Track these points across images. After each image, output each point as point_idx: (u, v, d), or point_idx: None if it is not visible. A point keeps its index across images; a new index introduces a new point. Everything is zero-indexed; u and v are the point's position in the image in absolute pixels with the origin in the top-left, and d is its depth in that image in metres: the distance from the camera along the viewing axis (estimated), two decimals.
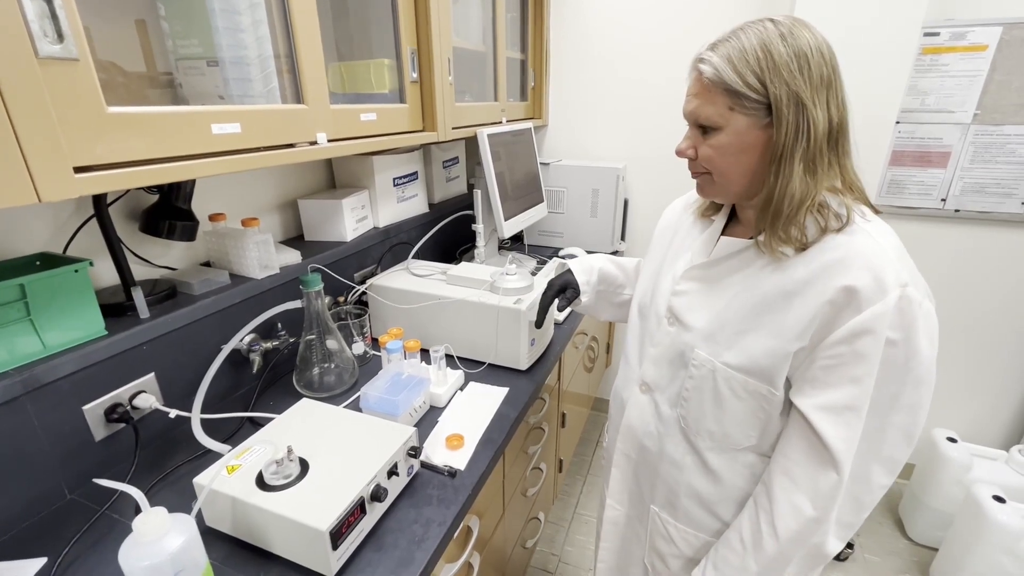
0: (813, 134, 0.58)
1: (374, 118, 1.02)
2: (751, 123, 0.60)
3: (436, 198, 1.66)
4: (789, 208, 0.60)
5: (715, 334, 0.68)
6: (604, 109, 1.89)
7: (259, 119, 0.75)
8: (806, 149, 0.58)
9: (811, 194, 0.60)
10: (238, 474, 0.66)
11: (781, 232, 0.62)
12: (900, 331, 0.57)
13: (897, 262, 0.58)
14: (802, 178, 0.59)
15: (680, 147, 0.68)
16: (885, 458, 0.63)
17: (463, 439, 0.86)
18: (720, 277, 0.70)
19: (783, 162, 0.59)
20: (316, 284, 0.94)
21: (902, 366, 0.59)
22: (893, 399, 0.60)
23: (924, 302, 0.58)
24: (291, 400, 0.97)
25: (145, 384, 0.83)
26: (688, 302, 0.72)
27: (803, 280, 0.61)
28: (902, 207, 1.67)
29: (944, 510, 1.60)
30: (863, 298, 0.57)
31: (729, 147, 0.63)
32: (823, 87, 0.58)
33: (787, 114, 0.58)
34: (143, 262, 0.94)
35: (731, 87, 0.59)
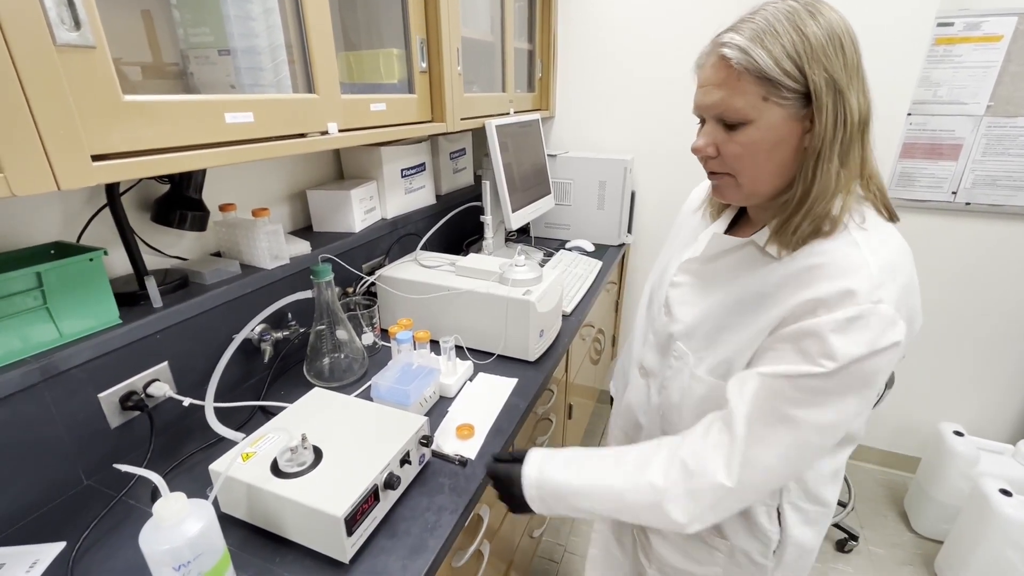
0: (850, 123, 0.53)
1: (384, 108, 1.02)
2: (787, 115, 0.54)
3: (443, 189, 1.66)
4: (821, 206, 0.55)
5: (694, 331, 0.67)
6: (611, 100, 1.88)
7: (272, 108, 0.75)
8: (841, 142, 0.53)
9: (840, 191, 0.55)
10: (253, 461, 0.67)
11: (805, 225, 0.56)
12: (854, 348, 0.51)
13: (876, 276, 0.52)
14: (837, 174, 0.54)
15: (697, 144, 0.60)
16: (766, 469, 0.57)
17: (474, 429, 0.86)
18: (712, 274, 0.68)
19: (821, 158, 0.54)
20: (326, 274, 0.94)
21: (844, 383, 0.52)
22: (819, 408, 0.54)
23: (898, 323, 0.51)
24: (302, 389, 0.98)
25: (159, 372, 0.83)
26: (680, 295, 0.71)
27: (778, 284, 0.58)
28: (912, 200, 1.66)
29: (950, 503, 1.61)
30: (825, 306, 0.53)
31: (762, 143, 0.55)
32: (855, 71, 0.53)
33: (826, 104, 0.52)
34: (155, 252, 0.95)
35: (766, 74, 0.52)
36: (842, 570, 1.59)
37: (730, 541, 0.73)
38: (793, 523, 0.70)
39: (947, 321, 1.76)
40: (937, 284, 1.72)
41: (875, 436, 2.00)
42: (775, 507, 0.69)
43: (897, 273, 0.54)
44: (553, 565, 1.61)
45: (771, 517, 0.70)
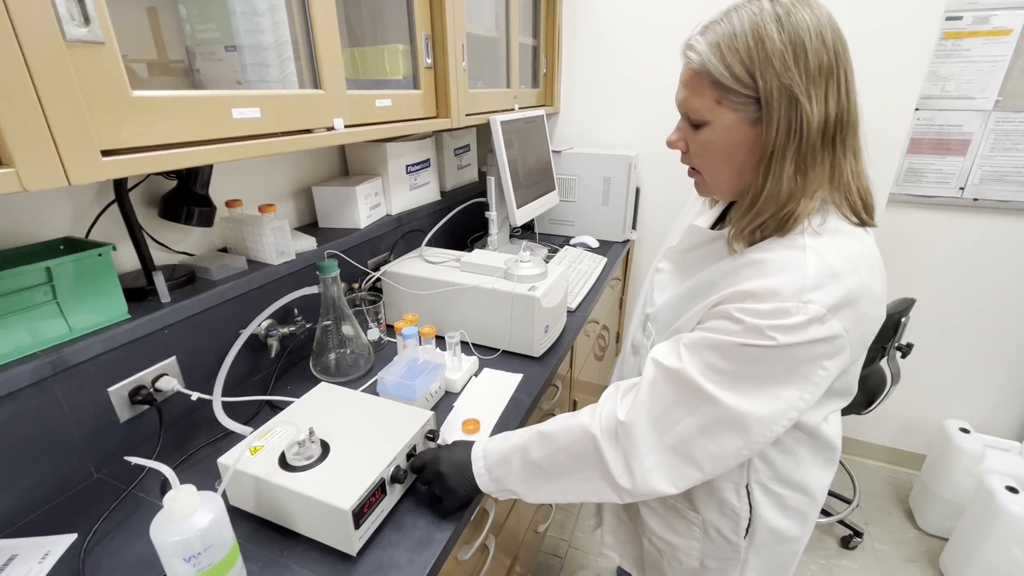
0: (806, 132, 0.53)
1: (389, 104, 1.02)
2: (739, 119, 0.56)
3: (448, 186, 1.66)
4: (773, 210, 0.56)
5: (660, 314, 0.71)
6: (616, 96, 1.87)
7: (278, 104, 0.75)
8: (798, 148, 0.54)
9: (797, 196, 0.55)
10: (261, 455, 0.68)
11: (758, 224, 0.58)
12: (769, 334, 0.52)
13: (811, 280, 0.52)
14: (791, 178, 0.55)
15: (670, 138, 0.64)
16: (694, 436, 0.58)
17: (479, 424, 0.86)
18: (688, 264, 0.70)
19: (773, 162, 0.55)
20: (332, 270, 0.95)
21: (751, 357, 0.54)
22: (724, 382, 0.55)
23: (828, 322, 0.52)
24: (308, 384, 0.98)
25: (167, 367, 0.84)
26: (661, 280, 0.75)
27: (723, 274, 0.60)
28: (919, 196, 1.65)
29: (955, 500, 1.60)
30: (752, 297, 0.54)
31: (716, 144, 0.59)
32: (821, 77, 0.53)
33: (778, 111, 0.53)
34: (162, 247, 0.95)
35: (717, 79, 0.55)
36: (847, 567, 1.59)
37: (701, 515, 0.75)
38: (763, 504, 0.71)
39: (954, 317, 1.75)
40: (943, 280, 1.71)
41: (880, 433, 2.00)
42: (743, 484, 0.71)
43: (841, 279, 0.53)
44: (557, 560, 1.62)
45: (739, 495, 0.71)
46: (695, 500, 0.75)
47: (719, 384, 0.55)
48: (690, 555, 0.80)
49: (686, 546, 0.80)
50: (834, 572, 1.57)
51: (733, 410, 0.55)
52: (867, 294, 0.54)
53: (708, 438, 0.57)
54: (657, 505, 0.81)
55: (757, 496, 0.71)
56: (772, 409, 0.55)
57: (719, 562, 0.77)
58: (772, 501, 0.71)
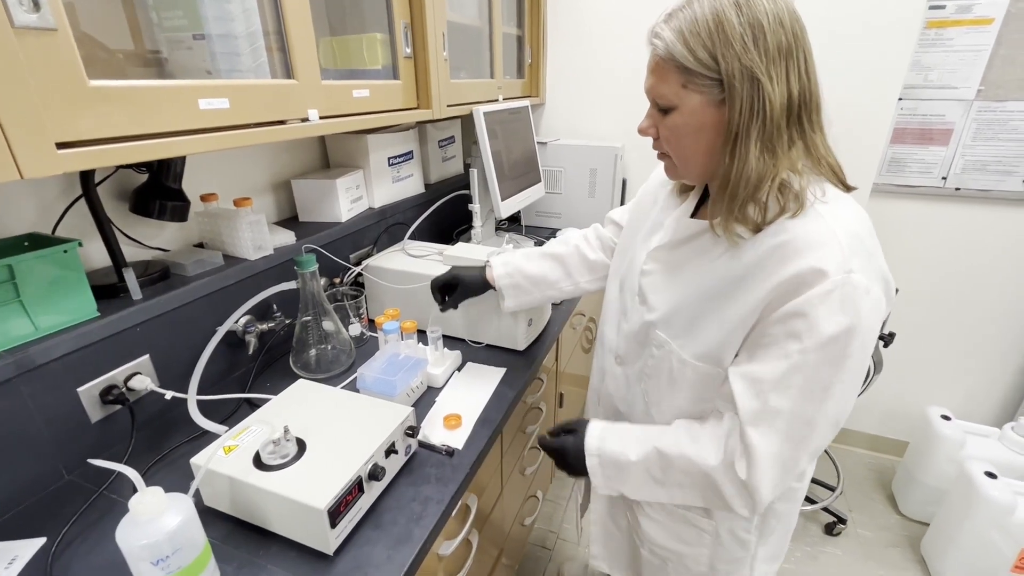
0: (769, 111, 0.55)
1: (367, 95, 0.99)
2: (705, 101, 0.58)
3: (432, 178, 1.64)
4: (745, 191, 0.58)
5: (672, 318, 0.68)
6: (602, 87, 1.85)
7: (248, 94, 0.73)
8: (762, 127, 0.56)
9: (769, 174, 0.57)
10: (235, 454, 0.66)
11: (738, 213, 0.59)
12: (839, 317, 0.54)
13: (846, 246, 0.54)
14: (759, 158, 0.56)
15: (641, 125, 0.66)
16: (813, 449, 0.61)
17: (461, 419, 0.86)
18: (682, 260, 0.69)
19: (738, 142, 0.57)
20: (311, 265, 0.93)
21: (839, 353, 0.55)
22: (826, 388, 0.57)
23: (872, 289, 0.55)
24: (288, 381, 0.97)
25: (140, 366, 0.82)
26: (653, 283, 0.72)
27: (751, 265, 0.59)
28: (902, 186, 1.66)
29: (937, 486, 1.63)
30: (802, 282, 0.55)
31: (684, 127, 0.60)
32: (781, 59, 0.55)
33: (740, 91, 0.55)
34: (135, 243, 0.93)
35: (682, 64, 0.56)
36: (831, 553, 1.62)
37: (716, 522, 0.75)
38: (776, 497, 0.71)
39: (935, 307, 1.77)
40: (926, 269, 1.73)
41: (864, 421, 2.02)
42: None
43: (861, 239, 0.57)
44: (545, 552, 1.62)
45: None
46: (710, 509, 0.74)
47: (820, 400, 0.57)
48: (699, 561, 0.79)
49: (695, 554, 0.79)
50: (818, 558, 1.60)
51: (835, 417, 0.59)
52: (879, 253, 0.59)
53: (815, 446, 0.61)
54: (663, 517, 0.80)
55: None
56: (855, 393, 0.59)
57: (729, 564, 0.77)
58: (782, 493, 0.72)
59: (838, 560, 1.59)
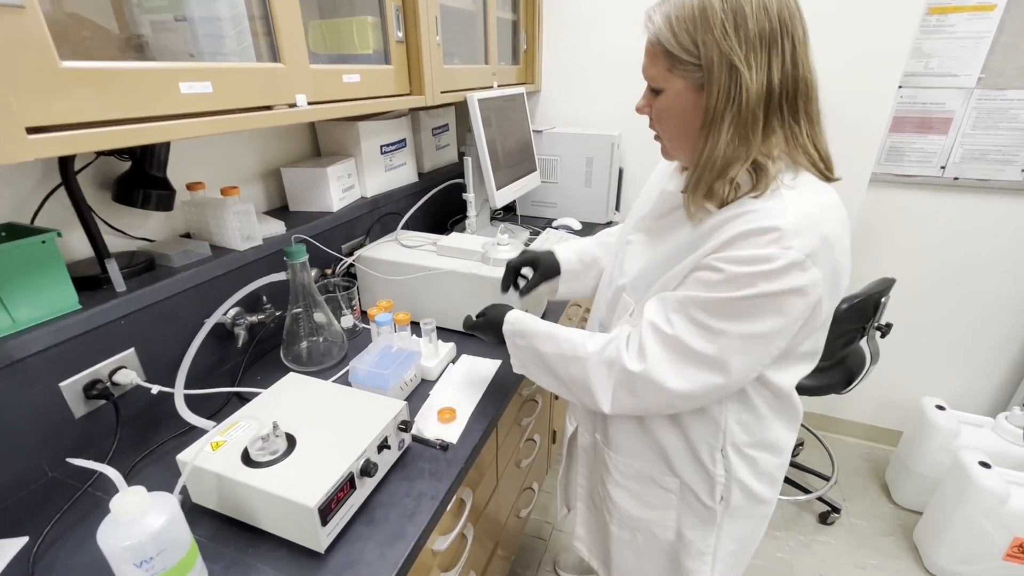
0: (745, 98, 0.56)
1: (357, 80, 0.96)
2: (687, 86, 0.59)
3: (426, 167, 1.61)
4: (710, 173, 0.59)
5: (638, 283, 0.71)
6: (599, 74, 1.82)
7: (232, 78, 0.70)
8: (737, 114, 0.57)
9: (738, 160, 0.58)
10: (223, 450, 0.65)
11: (704, 190, 0.61)
12: (758, 281, 0.55)
13: (794, 224, 0.55)
14: (728, 143, 0.58)
15: (638, 104, 0.68)
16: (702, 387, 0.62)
17: (455, 412, 0.84)
18: (660, 230, 0.71)
19: (712, 126, 0.58)
20: (301, 255, 0.91)
21: (744, 311, 0.57)
22: (717, 335, 0.59)
23: (809, 269, 0.55)
24: (279, 375, 0.95)
25: (125, 359, 0.80)
26: (631, 251, 0.74)
27: (706, 230, 0.61)
28: (901, 175, 1.64)
29: (930, 476, 1.63)
30: (737, 237, 0.57)
31: (669, 110, 0.63)
32: (763, 46, 0.55)
33: (718, 77, 0.56)
34: (119, 233, 0.90)
35: (667, 48, 0.59)
36: (824, 541, 1.62)
37: (679, 478, 0.76)
38: (738, 467, 0.73)
39: (931, 296, 1.77)
40: (922, 259, 1.72)
41: (858, 410, 2.03)
42: (719, 448, 0.72)
43: (818, 225, 0.56)
44: (541, 543, 1.62)
45: (714, 459, 0.73)
46: (672, 463, 0.76)
47: (710, 341, 0.60)
48: (666, 526, 0.81)
49: (662, 517, 0.81)
50: (812, 547, 1.60)
51: (720, 360, 0.60)
52: (839, 244, 0.58)
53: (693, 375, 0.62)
54: (629, 480, 0.82)
55: (732, 459, 0.72)
56: (753, 356, 0.60)
57: (696, 531, 0.78)
58: (746, 464, 0.73)
59: (832, 549, 1.60)
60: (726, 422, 0.70)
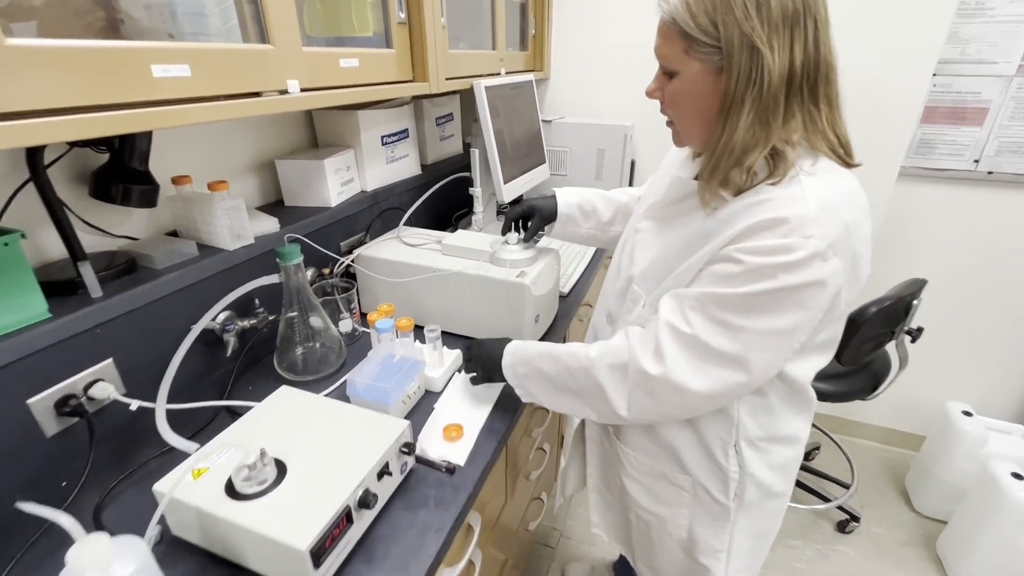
0: (767, 81, 0.53)
1: (356, 64, 0.89)
2: (704, 68, 0.57)
3: (429, 158, 1.53)
4: (728, 160, 0.57)
5: (648, 273, 0.69)
6: (611, 61, 1.73)
7: (214, 60, 0.62)
8: (758, 97, 0.54)
9: (758, 146, 0.56)
10: (206, 480, 0.58)
11: (720, 178, 0.59)
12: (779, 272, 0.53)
13: (814, 212, 0.53)
14: (748, 129, 0.56)
15: (649, 87, 0.65)
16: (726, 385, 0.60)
17: (462, 429, 0.77)
18: (670, 218, 0.69)
19: (731, 111, 0.56)
20: (294, 256, 0.84)
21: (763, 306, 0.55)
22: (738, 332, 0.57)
23: (830, 258, 0.53)
24: (272, 384, 0.89)
25: (103, 371, 0.73)
26: (642, 239, 0.72)
27: (722, 220, 0.59)
28: (930, 169, 1.55)
29: (955, 484, 1.57)
30: (755, 229, 0.54)
31: (684, 94, 0.60)
32: (785, 27, 0.53)
33: (738, 59, 0.53)
34: (98, 232, 0.83)
35: (683, 29, 0.56)
36: (843, 551, 1.56)
37: (692, 476, 0.74)
38: (752, 461, 0.71)
39: (960, 297, 1.69)
40: (951, 257, 1.64)
41: (876, 413, 1.95)
42: (732, 443, 0.70)
43: (838, 213, 0.54)
44: (548, 550, 1.57)
45: (727, 454, 0.71)
46: (684, 461, 0.74)
47: (731, 338, 0.57)
48: (679, 524, 0.79)
49: (674, 515, 0.79)
50: (830, 557, 1.54)
51: (742, 357, 0.57)
52: (859, 231, 0.56)
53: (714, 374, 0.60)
54: (642, 476, 0.80)
55: (746, 454, 0.71)
56: (775, 352, 0.58)
57: (708, 528, 0.77)
58: (760, 457, 0.71)
59: (851, 559, 1.54)
60: (739, 417, 0.68)
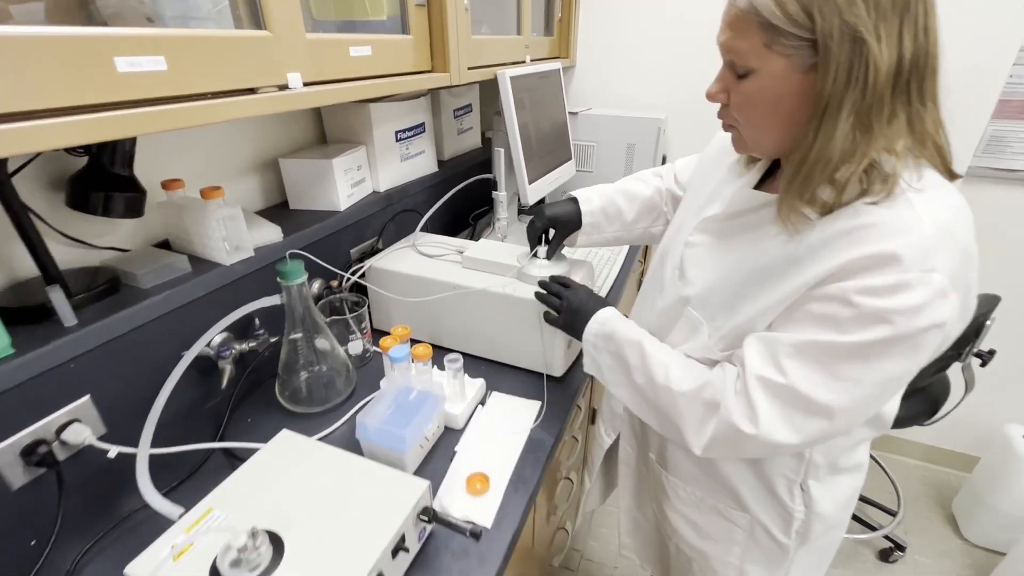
0: (873, 79, 0.45)
1: (368, 53, 0.77)
2: (790, 66, 0.48)
3: (446, 154, 1.41)
4: (823, 173, 0.49)
5: (708, 297, 0.61)
6: (643, 47, 1.60)
7: (196, 51, 0.51)
8: (860, 98, 0.46)
9: (857, 156, 0.47)
10: (187, 560, 0.48)
11: (807, 194, 0.50)
12: (896, 317, 0.45)
13: (933, 240, 0.45)
14: (847, 135, 0.47)
15: (710, 90, 0.57)
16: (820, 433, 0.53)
17: (488, 481, 0.67)
18: (733, 233, 0.61)
19: (827, 116, 0.47)
20: (297, 275, 0.73)
21: (878, 354, 0.48)
22: (855, 382, 0.49)
23: (950, 296, 0.45)
24: (273, 415, 0.80)
25: (78, 411, 0.64)
26: (696, 255, 0.65)
27: (814, 246, 0.50)
28: (1000, 169, 1.40)
29: (1013, 514, 1.45)
30: (866, 266, 0.46)
31: (762, 96, 0.51)
32: (895, 12, 0.45)
33: (838, 54, 0.45)
34: (80, 244, 0.73)
35: (767, 20, 0.47)
36: None
37: (750, 513, 0.69)
38: (820, 500, 0.66)
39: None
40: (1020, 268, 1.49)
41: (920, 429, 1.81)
42: (798, 482, 0.65)
43: (956, 238, 0.47)
44: (569, 573, 1.48)
45: (792, 492, 0.65)
46: (742, 497, 0.68)
47: (840, 391, 0.50)
48: (727, 562, 0.74)
49: (723, 552, 0.74)
50: None
51: (844, 408, 0.50)
52: (974, 259, 0.49)
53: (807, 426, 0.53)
54: (689, 508, 0.75)
55: (814, 492, 0.65)
56: (881, 401, 0.52)
57: (762, 566, 0.72)
58: (827, 491, 0.66)
59: None
60: (811, 454, 0.63)
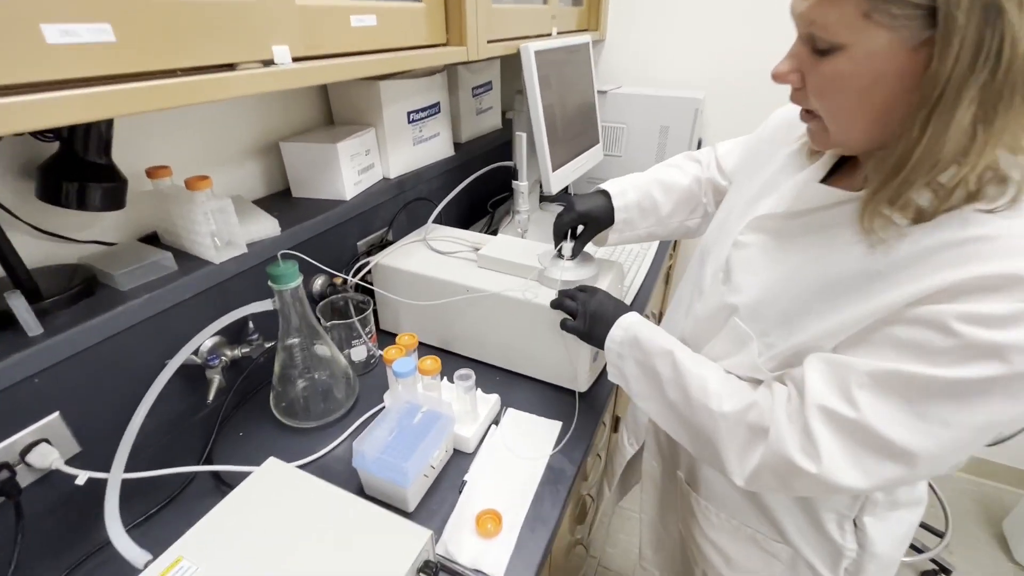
0: (1007, 58, 0.35)
1: (373, 23, 0.67)
2: (895, 41, 0.39)
3: (463, 136, 1.31)
4: (929, 174, 0.40)
5: (761, 308, 0.53)
6: (679, 19, 1.46)
7: (153, 16, 0.42)
8: (989, 83, 0.36)
9: (973, 155, 0.38)
10: None
11: (902, 198, 0.41)
12: (1011, 353, 0.36)
13: None
14: (966, 130, 0.37)
15: (779, 69, 0.47)
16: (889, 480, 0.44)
17: (501, 520, 0.59)
18: (795, 235, 0.52)
19: (940, 105, 0.37)
20: (291, 279, 0.65)
21: (979, 393, 0.39)
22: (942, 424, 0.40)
23: None
24: (267, 430, 0.73)
25: (46, 429, 0.58)
26: (747, 258, 0.56)
27: (907, 260, 0.42)
28: None
29: None
30: (981, 287, 0.37)
31: (853, 78, 0.42)
32: None
33: (965, 26, 0.35)
34: (57, 239, 0.67)
35: None
36: None
37: (793, 546, 0.62)
38: (876, 539, 0.58)
39: None
40: None
41: None
42: (851, 518, 0.58)
43: None
44: None
45: (843, 528, 0.59)
46: (784, 527, 0.62)
47: (925, 434, 0.41)
48: None
49: None
50: None
51: (925, 454, 0.41)
52: None
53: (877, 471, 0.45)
54: (724, 538, 0.68)
55: (869, 529, 0.58)
56: (972, 447, 0.42)
57: None
58: (885, 529, 0.59)
59: None
60: None
